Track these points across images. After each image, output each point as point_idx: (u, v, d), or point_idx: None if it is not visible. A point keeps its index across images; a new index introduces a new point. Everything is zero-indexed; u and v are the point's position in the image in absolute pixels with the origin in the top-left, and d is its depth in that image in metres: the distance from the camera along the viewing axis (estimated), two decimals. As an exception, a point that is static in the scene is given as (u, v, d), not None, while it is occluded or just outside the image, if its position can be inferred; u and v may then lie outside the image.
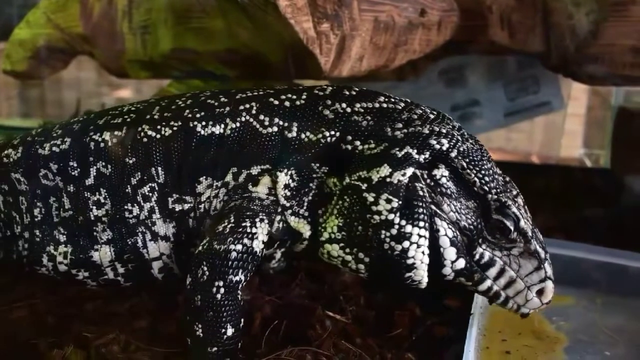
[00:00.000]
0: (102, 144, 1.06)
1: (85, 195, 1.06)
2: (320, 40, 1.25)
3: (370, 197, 0.94)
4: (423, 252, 0.94)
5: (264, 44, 1.39)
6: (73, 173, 1.07)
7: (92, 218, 1.05)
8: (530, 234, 0.98)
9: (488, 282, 0.98)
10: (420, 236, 0.94)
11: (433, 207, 0.95)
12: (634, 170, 1.65)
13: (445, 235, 0.95)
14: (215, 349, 0.97)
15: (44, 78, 1.88)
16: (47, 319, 1.15)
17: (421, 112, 1.02)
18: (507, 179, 1.02)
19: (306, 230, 1.02)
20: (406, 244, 0.94)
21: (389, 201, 0.93)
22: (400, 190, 0.94)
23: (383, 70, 1.48)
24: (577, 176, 2.01)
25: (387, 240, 0.94)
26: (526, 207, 1.01)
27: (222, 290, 0.94)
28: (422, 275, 0.96)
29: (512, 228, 0.96)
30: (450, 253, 0.96)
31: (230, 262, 0.94)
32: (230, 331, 0.96)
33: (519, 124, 2.32)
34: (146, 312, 1.16)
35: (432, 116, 1.02)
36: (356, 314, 1.17)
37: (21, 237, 1.11)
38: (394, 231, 0.94)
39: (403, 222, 0.93)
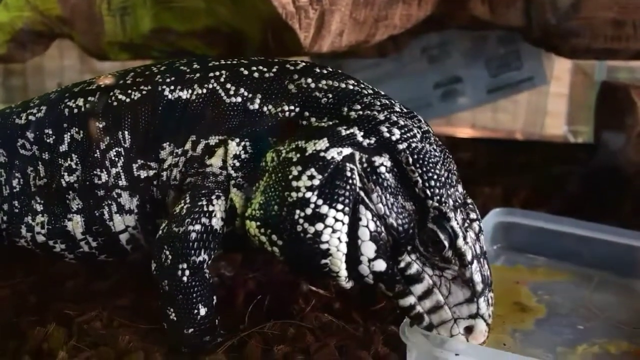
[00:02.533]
0: (75, 110, 1.06)
1: (59, 161, 1.06)
2: (299, 15, 1.24)
3: (295, 171, 0.89)
4: (339, 239, 0.88)
5: (244, 21, 1.38)
6: (48, 140, 1.07)
7: (64, 185, 1.05)
8: (469, 258, 0.89)
9: (411, 299, 0.91)
10: (336, 220, 0.88)
11: (361, 193, 0.89)
12: (616, 142, 1.65)
13: (367, 227, 0.89)
14: (191, 330, 0.97)
15: (24, 61, 1.87)
16: (28, 298, 1.15)
17: (387, 102, 0.97)
18: (470, 201, 0.95)
19: (240, 206, 0.97)
20: (320, 226, 0.87)
21: (311, 177, 0.88)
22: (328, 167, 0.88)
23: (364, 45, 1.48)
24: (560, 150, 2.02)
25: (301, 221, 0.88)
26: (481, 236, 0.94)
27: (187, 272, 0.94)
28: (338, 265, 0.90)
29: (446, 244, 0.88)
30: (368, 248, 0.89)
31: (191, 244, 0.94)
32: (203, 311, 0.96)
33: (503, 105, 2.32)
34: (128, 290, 1.16)
35: (397, 109, 0.97)
36: (339, 288, 1.16)
37: (0, 210, 1.10)
38: (308, 210, 0.87)
39: (320, 202, 0.87)
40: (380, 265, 0.90)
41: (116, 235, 1.05)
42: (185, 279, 0.94)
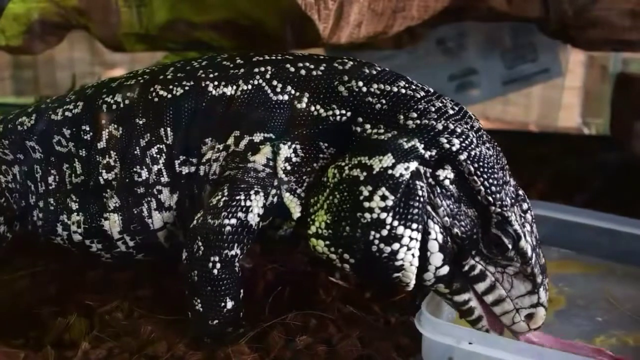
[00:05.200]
0: (114, 106, 1.05)
1: (97, 158, 1.04)
2: (318, 6, 1.24)
3: (365, 191, 0.88)
4: (413, 255, 0.89)
5: (262, 12, 1.38)
6: (85, 137, 1.06)
7: (102, 182, 1.04)
8: (529, 254, 0.91)
9: (466, 296, 0.92)
10: (411, 238, 0.88)
11: (429, 208, 0.89)
12: (635, 134, 1.65)
13: (435, 239, 0.89)
14: (216, 321, 0.97)
15: (38, 53, 1.87)
16: (49, 289, 1.15)
17: (440, 105, 0.95)
18: (521, 191, 0.95)
19: (296, 212, 0.97)
20: (396, 246, 0.88)
21: (384, 198, 0.87)
22: (399, 186, 0.87)
23: (381, 37, 1.48)
24: (576, 142, 2.02)
25: (376, 242, 0.88)
26: (534, 225, 0.94)
27: (218, 265, 0.93)
28: (410, 277, 0.90)
29: (509, 246, 0.90)
30: (436, 259, 0.90)
31: (225, 237, 0.93)
32: (230, 304, 0.96)
33: (516, 98, 2.32)
34: (148, 281, 1.16)
35: (451, 111, 0.94)
36: (358, 280, 1.16)
37: (36, 207, 1.09)
38: (384, 232, 0.87)
39: (395, 223, 0.87)
40: (444, 270, 0.91)
41: (154, 233, 1.04)
42: (215, 271, 0.93)
